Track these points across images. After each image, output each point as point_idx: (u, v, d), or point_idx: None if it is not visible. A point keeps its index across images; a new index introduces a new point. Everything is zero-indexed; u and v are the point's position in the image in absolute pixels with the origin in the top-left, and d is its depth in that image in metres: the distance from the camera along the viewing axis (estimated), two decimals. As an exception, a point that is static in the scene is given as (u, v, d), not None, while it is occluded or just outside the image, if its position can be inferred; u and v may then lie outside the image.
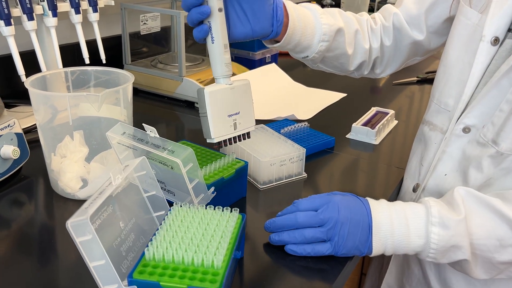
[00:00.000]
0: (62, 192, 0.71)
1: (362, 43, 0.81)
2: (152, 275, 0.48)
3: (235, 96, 0.66)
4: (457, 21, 0.71)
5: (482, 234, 0.56)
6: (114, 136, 0.66)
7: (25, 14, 0.87)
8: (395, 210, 0.59)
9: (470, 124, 0.66)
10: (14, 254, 0.60)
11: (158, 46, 1.34)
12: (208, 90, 0.63)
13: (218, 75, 0.65)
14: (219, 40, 0.64)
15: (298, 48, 0.74)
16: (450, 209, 0.59)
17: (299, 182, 0.80)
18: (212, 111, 0.64)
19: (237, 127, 0.67)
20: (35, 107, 0.69)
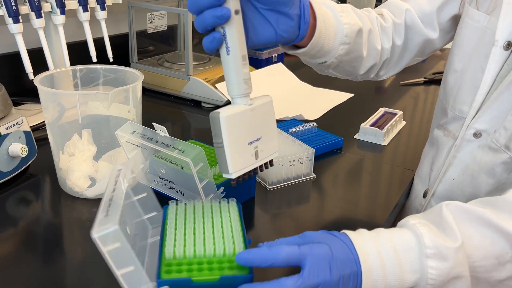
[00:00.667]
0: (70, 190, 0.71)
1: (375, 43, 0.73)
2: (181, 273, 0.47)
3: (256, 118, 0.53)
4: (464, 24, 0.70)
5: (480, 255, 0.51)
6: (124, 135, 0.65)
7: (34, 11, 0.86)
8: (384, 248, 0.49)
9: (481, 128, 0.65)
10: (21, 252, 0.60)
11: (165, 45, 1.33)
12: (224, 115, 0.50)
13: (234, 95, 0.52)
14: (236, 51, 0.50)
15: (319, 54, 0.63)
16: (443, 233, 0.51)
17: (307, 183, 0.80)
18: (230, 141, 0.51)
19: (259, 156, 0.54)
20: (44, 105, 0.69)
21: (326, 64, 0.67)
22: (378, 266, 0.48)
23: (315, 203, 0.75)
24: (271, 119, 0.56)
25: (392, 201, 0.76)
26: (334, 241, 0.49)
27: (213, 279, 0.47)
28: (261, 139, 0.54)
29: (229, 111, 0.51)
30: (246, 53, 0.52)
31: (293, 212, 0.72)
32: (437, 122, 0.78)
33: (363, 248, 0.49)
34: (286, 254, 0.47)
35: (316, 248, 0.48)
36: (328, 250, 0.48)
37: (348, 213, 0.73)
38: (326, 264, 0.47)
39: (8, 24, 0.84)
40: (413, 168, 0.87)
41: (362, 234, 0.52)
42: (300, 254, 0.47)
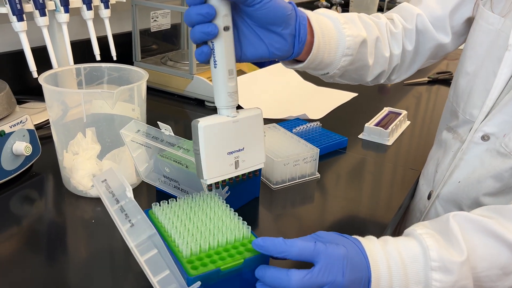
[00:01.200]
0: (74, 189, 0.71)
1: (383, 51, 0.71)
2: (207, 266, 0.48)
3: (239, 130, 0.55)
4: (477, 26, 0.69)
5: (485, 266, 0.52)
6: (128, 134, 0.65)
7: (38, 10, 0.86)
8: (392, 257, 0.51)
9: (490, 132, 0.64)
10: (25, 251, 0.60)
11: (168, 43, 1.33)
12: (203, 125, 0.52)
13: (219, 106, 0.54)
14: (223, 65, 0.52)
15: (319, 66, 0.63)
16: (449, 246, 0.52)
17: (312, 183, 0.79)
18: (206, 149, 0.53)
19: (240, 166, 0.56)
20: (48, 103, 0.68)
21: (328, 75, 0.66)
22: (386, 275, 0.49)
23: (320, 203, 0.75)
24: (257, 131, 0.57)
25: (397, 201, 0.76)
26: (350, 244, 0.50)
27: (238, 263, 0.49)
28: (244, 150, 0.56)
29: (209, 121, 0.53)
30: (233, 68, 0.53)
31: (297, 212, 0.72)
32: (446, 124, 0.77)
33: (374, 255, 0.50)
34: (299, 248, 0.48)
35: (332, 248, 0.49)
36: (345, 252, 0.49)
37: (352, 213, 0.72)
38: (340, 265, 0.48)
39: (12, 22, 0.84)
40: (418, 168, 0.86)
41: (372, 241, 0.52)
42: (314, 250, 0.48)
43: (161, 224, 0.54)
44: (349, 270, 0.48)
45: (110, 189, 0.48)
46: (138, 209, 0.48)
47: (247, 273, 0.50)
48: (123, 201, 0.48)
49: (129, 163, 0.72)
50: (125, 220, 0.47)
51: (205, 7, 0.49)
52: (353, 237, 0.53)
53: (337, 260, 0.48)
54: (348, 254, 0.49)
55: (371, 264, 0.49)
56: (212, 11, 0.49)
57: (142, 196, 0.73)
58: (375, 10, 1.91)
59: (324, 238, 0.51)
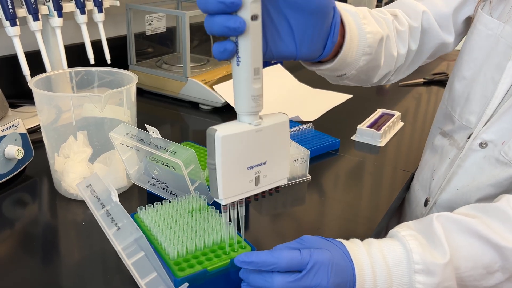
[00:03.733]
0: (65, 192, 0.71)
1: (391, 50, 0.66)
2: (193, 267, 0.49)
3: (263, 140, 0.46)
4: (475, 30, 0.67)
5: (468, 265, 0.52)
6: (117, 137, 0.65)
7: (31, 14, 0.87)
8: (376, 260, 0.51)
9: (488, 139, 0.64)
10: (18, 254, 0.60)
11: (163, 47, 1.34)
12: (221, 134, 0.43)
13: (241, 111, 0.45)
14: (248, 63, 0.42)
15: (340, 68, 0.57)
16: (432, 248, 0.52)
17: (303, 184, 0.80)
18: (224, 164, 0.44)
19: (261, 182, 0.47)
20: (39, 107, 0.69)
21: (345, 76, 0.60)
22: (370, 278, 0.50)
23: (311, 205, 0.75)
24: (283, 141, 0.48)
25: (387, 202, 0.76)
26: (334, 248, 0.50)
27: (225, 263, 0.50)
28: (266, 163, 0.47)
29: (229, 130, 0.44)
30: (260, 66, 0.44)
31: (288, 214, 0.72)
32: (440, 127, 0.76)
33: (358, 258, 0.50)
34: (287, 259, 0.47)
35: (317, 254, 0.48)
36: (330, 256, 0.49)
37: (343, 215, 0.73)
38: (325, 270, 0.48)
39: (5, 27, 0.85)
40: (409, 169, 0.86)
41: (356, 244, 0.53)
42: (301, 259, 0.47)
43: (147, 228, 0.55)
44: (334, 274, 0.48)
45: (95, 193, 0.49)
46: (124, 213, 0.48)
47: (234, 273, 0.51)
48: (109, 205, 0.49)
49: (119, 166, 0.72)
50: (111, 223, 0.48)
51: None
52: (337, 240, 0.53)
53: (322, 266, 0.48)
54: (333, 259, 0.49)
55: (356, 267, 0.50)
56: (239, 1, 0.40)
57: (133, 198, 0.73)
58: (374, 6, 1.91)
59: (308, 243, 0.51)
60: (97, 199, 0.48)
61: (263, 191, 0.49)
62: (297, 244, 0.51)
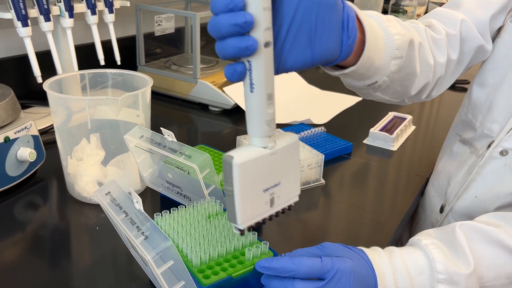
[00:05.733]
0: (78, 195, 0.71)
1: (427, 58, 0.62)
2: (218, 274, 0.48)
3: (276, 162, 0.46)
4: (501, 39, 0.67)
5: (491, 275, 0.52)
6: (132, 139, 0.65)
7: (42, 15, 0.86)
8: (398, 269, 0.50)
9: (509, 147, 0.63)
10: (29, 257, 0.59)
11: (172, 47, 1.33)
12: (239, 162, 0.43)
13: (255, 135, 0.45)
14: (261, 89, 0.43)
15: (368, 72, 0.53)
16: (455, 258, 0.51)
17: (317, 189, 0.79)
18: (242, 191, 0.44)
19: (275, 203, 0.48)
20: (53, 109, 0.68)
21: (377, 84, 0.55)
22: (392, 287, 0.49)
23: (324, 210, 0.75)
24: (294, 161, 0.49)
25: (403, 208, 0.75)
26: (356, 257, 0.50)
27: (249, 270, 0.49)
28: (280, 184, 0.47)
29: (245, 156, 0.44)
30: (273, 92, 0.44)
31: (302, 219, 0.72)
32: (459, 134, 0.75)
33: (380, 267, 0.50)
34: (308, 266, 0.46)
35: (340, 262, 0.47)
36: (352, 265, 0.48)
37: (358, 220, 0.72)
38: (347, 280, 0.47)
39: (17, 27, 0.84)
40: (424, 174, 0.86)
41: (378, 252, 0.52)
42: (322, 267, 0.47)
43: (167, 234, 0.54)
44: (356, 283, 0.47)
45: (116, 201, 0.48)
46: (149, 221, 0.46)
47: (257, 279, 0.50)
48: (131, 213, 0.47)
49: (133, 169, 0.71)
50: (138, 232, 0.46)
51: (242, 16, 0.38)
52: (359, 248, 0.52)
53: (344, 275, 0.47)
54: (355, 267, 0.48)
55: (378, 276, 0.49)
56: (252, 20, 0.39)
57: (146, 201, 0.73)
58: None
59: (329, 250, 0.50)
60: (119, 207, 0.47)
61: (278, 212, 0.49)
62: (318, 250, 0.50)
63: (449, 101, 1.30)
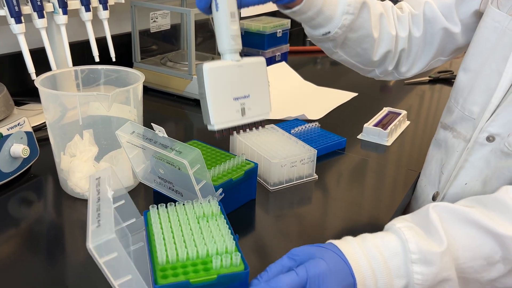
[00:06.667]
0: (71, 191, 0.71)
1: (388, 28, 0.72)
2: (177, 276, 0.47)
3: (244, 75, 0.55)
4: (483, 23, 0.68)
5: (468, 256, 0.51)
6: (124, 135, 0.65)
7: (36, 11, 0.87)
8: (372, 255, 0.50)
9: (495, 132, 0.63)
10: (23, 253, 0.60)
11: (168, 44, 1.33)
12: (208, 66, 0.53)
13: (223, 50, 0.55)
14: (224, 7, 0.53)
15: (318, 19, 0.64)
16: (428, 237, 0.51)
17: (309, 184, 0.79)
18: (212, 92, 0.53)
19: (246, 113, 0.56)
20: (45, 106, 0.69)
21: (330, 36, 0.65)
22: (369, 275, 0.49)
23: (318, 204, 0.75)
24: (262, 79, 0.58)
25: (395, 202, 0.76)
26: (327, 254, 0.50)
27: (211, 278, 0.47)
28: (250, 97, 0.56)
29: (214, 64, 0.54)
30: (235, 10, 0.54)
31: (295, 214, 0.72)
32: (441, 121, 0.77)
33: (354, 257, 0.50)
34: (287, 285, 0.46)
35: (312, 267, 0.48)
36: (325, 265, 0.48)
37: (351, 214, 0.72)
38: (326, 280, 0.47)
39: (10, 24, 0.84)
40: (417, 169, 0.86)
41: (349, 242, 0.52)
42: (300, 280, 0.47)
43: (151, 227, 0.54)
44: (334, 281, 0.47)
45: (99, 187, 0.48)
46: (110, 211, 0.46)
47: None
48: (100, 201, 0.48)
49: (126, 165, 0.72)
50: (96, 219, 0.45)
51: None
52: (329, 243, 0.52)
53: (320, 277, 0.47)
54: (329, 266, 0.48)
55: (353, 267, 0.49)
56: None
57: (139, 197, 0.73)
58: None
59: (300, 256, 0.50)
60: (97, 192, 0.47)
61: (250, 124, 0.57)
62: (289, 260, 0.50)
63: (445, 96, 1.30)
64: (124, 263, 0.44)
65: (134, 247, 0.57)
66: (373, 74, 0.79)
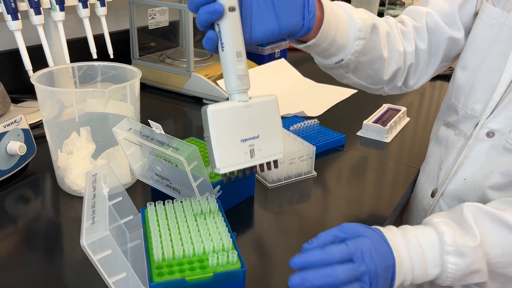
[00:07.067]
0: (68, 189, 0.71)
1: (396, 45, 0.70)
2: (173, 274, 0.47)
3: (252, 115, 0.52)
4: (479, 21, 0.68)
5: (497, 252, 0.55)
6: (120, 132, 0.64)
7: (32, 8, 0.86)
8: (411, 244, 0.54)
9: (495, 128, 0.64)
10: (21, 250, 0.60)
11: (166, 41, 1.33)
12: (212, 109, 0.51)
13: (231, 90, 0.52)
14: (229, 47, 0.51)
15: (332, 49, 0.62)
16: (463, 233, 0.55)
17: (308, 181, 0.79)
18: (217, 135, 0.51)
19: (256, 155, 0.53)
20: (41, 103, 0.68)
21: (343, 63, 0.63)
22: (407, 260, 0.53)
23: (317, 201, 0.74)
24: (273, 118, 0.54)
25: (395, 199, 0.75)
26: (374, 235, 0.54)
27: (207, 276, 0.47)
28: (259, 137, 0.53)
29: (219, 106, 0.51)
30: (242, 50, 0.52)
31: (294, 211, 0.72)
32: (443, 119, 0.76)
33: (395, 243, 0.54)
34: (339, 254, 0.51)
35: (361, 243, 0.52)
36: (371, 243, 0.53)
37: (350, 211, 0.72)
38: (372, 255, 0.52)
39: (7, 21, 0.84)
40: (417, 165, 0.85)
41: (392, 230, 0.56)
42: (350, 251, 0.51)
43: (148, 225, 0.54)
44: (379, 258, 0.52)
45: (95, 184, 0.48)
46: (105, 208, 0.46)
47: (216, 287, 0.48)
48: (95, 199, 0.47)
49: (123, 162, 0.71)
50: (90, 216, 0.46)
51: None
52: (374, 227, 0.56)
53: (368, 251, 0.51)
54: (375, 245, 0.53)
55: (394, 251, 0.53)
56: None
57: (137, 194, 0.73)
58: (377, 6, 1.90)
59: (351, 231, 0.54)
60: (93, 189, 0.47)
61: (262, 165, 0.54)
62: (339, 232, 0.54)
63: (443, 92, 1.30)
64: (118, 260, 0.43)
65: (132, 245, 0.57)
66: (381, 92, 0.77)
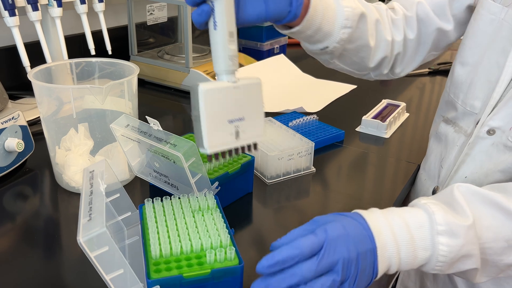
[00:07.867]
0: (66, 185, 0.71)
1: (384, 34, 0.71)
2: (170, 270, 0.46)
3: (240, 97, 0.52)
4: (478, 16, 0.67)
5: (490, 236, 0.51)
6: (118, 128, 0.64)
7: (30, 4, 0.85)
8: (397, 226, 0.50)
9: (495, 126, 0.63)
10: (19, 247, 0.59)
11: (165, 37, 1.32)
12: (204, 88, 0.49)
13: (219, 70, 0.52)
14: (223, 26, 0.50)
15: (317, 36, 0.62)
16: (454, 213, 0.52)
17: (307, 177, 0.79)
18: (208, 115, 0.50)
19: (240, 136, 0.53)
20: (38, 99, 0.68)
21: (328, 50, 0.64)
22: (391, 242, 0.49)
23: (315, 197, 0.74)
24: (257, 101, 0.54)
25: (394, 195, 0.75)
26: (346, 220, 0.50)
27: (204, 273, 0.47)
28: (244, 119, 0.53)
29: (210, 85, 0.50)
30: (234, 30, 0.51)
31: (292, 207, 0.71)
32: (443, 116, 0.76)
33: (376, 225, 0.50)
34: (308, 245, 0.46)
35: (330, 229, 0.48)
36: (341, 228, 0.48)
37: (349, 207, 0.71)
38: (342, 242, 0.47)
39: (4, 17, 0.83)
40: (416, 161, 0.85)
41: (373, 212, 0.52)
42: (319, 240, 0.47)
43: (145, 221, 0.54)
44: (352, 244, 0.47)
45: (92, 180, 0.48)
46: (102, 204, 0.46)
47: (213, 284, 0.48)
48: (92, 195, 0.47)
49: (122, 158, 0.71)
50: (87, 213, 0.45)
51: None
52: (353, 212, 0.52)
53: (338, 239, 0.47)
54: (347, 230, 0.48)
55: (374, 234, 0.49)
56: None
57: (135, 191, 0.73)
58: (377, 0, 1.89)
59: (320, 222, 0.50)
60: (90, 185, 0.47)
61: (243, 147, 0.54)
62: (310, 225, 0.50)
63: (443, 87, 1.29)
64: (116, 257, 0.43)
65: (130, 241, 0.57)
66: (367, 77, 0.79)
